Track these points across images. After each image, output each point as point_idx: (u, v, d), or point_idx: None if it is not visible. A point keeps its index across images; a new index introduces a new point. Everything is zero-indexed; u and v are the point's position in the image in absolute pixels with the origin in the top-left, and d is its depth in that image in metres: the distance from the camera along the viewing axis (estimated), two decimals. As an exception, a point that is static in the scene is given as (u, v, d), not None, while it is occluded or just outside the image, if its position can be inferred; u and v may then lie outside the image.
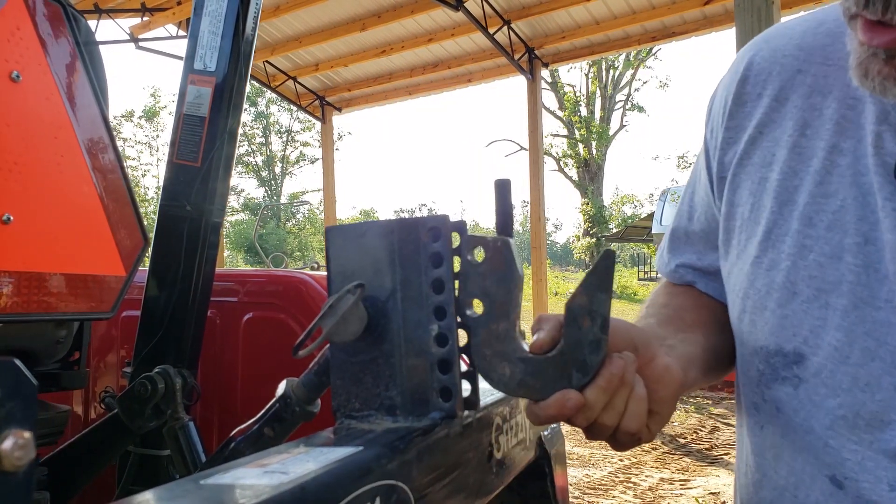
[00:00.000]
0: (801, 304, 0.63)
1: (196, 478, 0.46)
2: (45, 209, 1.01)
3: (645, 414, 0.61)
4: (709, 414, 6.35)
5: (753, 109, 0.72)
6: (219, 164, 1.36)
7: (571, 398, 0.58)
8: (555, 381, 0.60)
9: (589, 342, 0.59)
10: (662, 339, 0.69)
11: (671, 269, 0.88)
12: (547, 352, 0.60)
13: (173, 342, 1.29)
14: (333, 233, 0.69)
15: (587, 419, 0.60)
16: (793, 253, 0.64)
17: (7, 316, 0.93)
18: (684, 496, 4.17)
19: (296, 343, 0.61)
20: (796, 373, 0.63)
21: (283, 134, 38.87)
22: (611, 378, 0.58)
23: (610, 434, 0.61)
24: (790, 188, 0.66)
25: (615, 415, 0.60)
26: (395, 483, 0.54)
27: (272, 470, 0.48)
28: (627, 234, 23.96)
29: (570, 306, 0.60)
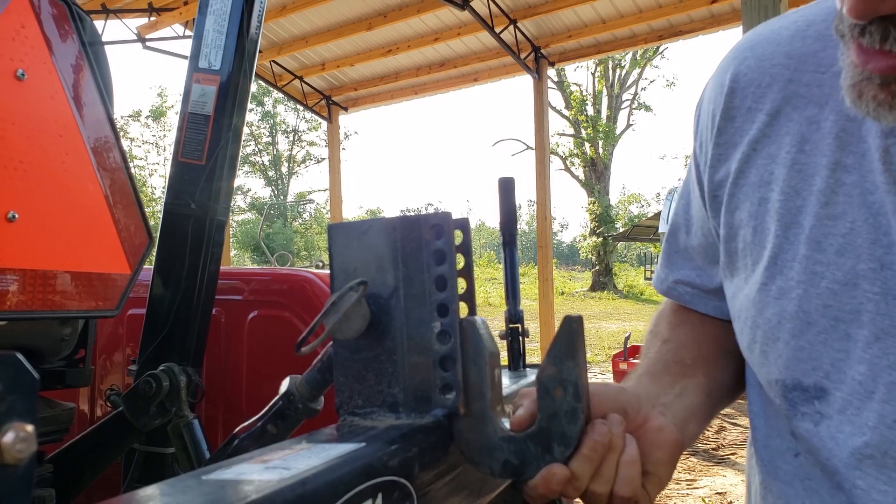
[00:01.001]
0: (817, 334, 0.59)
1: (198, 473, 0.47)
2: (50, 207, 1.01)
3: (639, 477, 0.58)
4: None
5: (744, 124, 0.67)
6: (223, 162, 1.36)
7: (556, 473, 0.56)
8: (538, 457, 0.58)
9: (565, 412, 0.57)
10: (656, 397, 0.66)
11: (669, 284, 0.83)
12: (527, 428, 0.59)
13: (178, 340, 1.29)
14: (336, 230, 0.69)
15: (577, 490, 0.57)
16: (803, 280, 0.59)
17: (12, 313, 0.93)
18: (691, 496, 4.16)
19: (298, 340, 0.61)
20: (818, 409, 0.59)
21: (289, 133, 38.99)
22: (594, 446, 0.56)
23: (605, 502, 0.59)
24: (793, 209, 0.61)
25: (605, 482, 0.57)
26: (397, 479, 0.54)
27: (274, 466, 0.48)
28: (634, 233, 23.91)
29: (540, 378, 0.59)
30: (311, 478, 0.45)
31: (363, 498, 0.49)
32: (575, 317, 0.58)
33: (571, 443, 0.57)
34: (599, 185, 26.41)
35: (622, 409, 0.60)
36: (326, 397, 0.77)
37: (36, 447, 0.32)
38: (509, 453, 0.60)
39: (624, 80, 27.58)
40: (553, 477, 0.56)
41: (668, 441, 0.60)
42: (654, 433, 0.60)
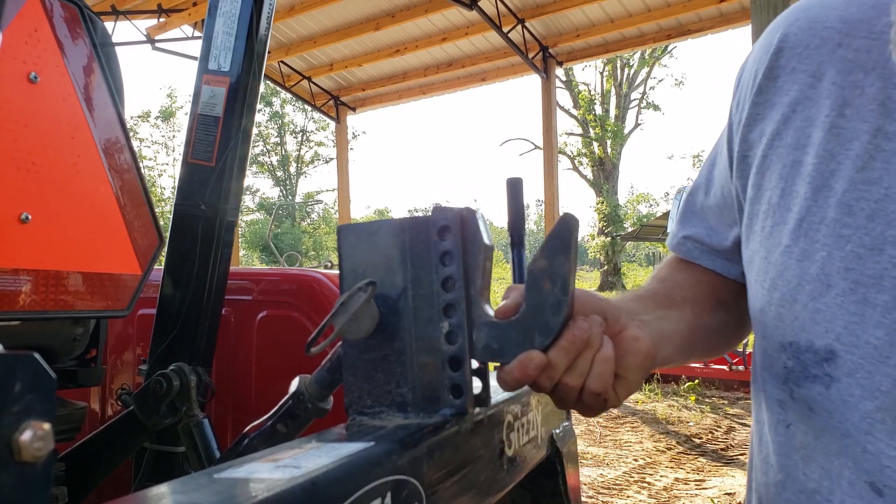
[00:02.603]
0: (835, 297, 0.59)
1: (210, 472, 0.47)
2: (63, 209, 1.02)
3: (610, 375, 0.60)
4: (724, 414, 6.30)
5: (786, 84, 0.67)
6: (233, 163, 1.37)
7: (534, 358, 0.58)
8: (518, 344, 0.60)
9: (550, 304, 0.59)
10: (635, 313, 0.68)
11: (678, 239, 0.84)
12: (511, 317, 0.61)
13: (188, 340, 1.30)
14: (345, 231, 0.70)
15: (550, 379, 0.60)
16: (829, 243, 0.60)
17: (25, 313, 0.94)
18: (699, 496, 4.14)
19: (308, 340, 0.62)
20: (827, 371, 0.59)
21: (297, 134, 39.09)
22: (573, 339, 0.58)
23: (576, 397, 0.61)
24: (826, 173, 0.61)
25: (578, 375, 0.60)
26: (406, 478, 0.55)
27: (284, 465, 0.49)
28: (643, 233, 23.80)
29: (531, 270, 0.61)
30: (320, 476, 0.45)
31: (372, 496, 0.49)
32: (571, 215, 0.60)
33: (552, 333, 0.59)
34: (608, 184, 26.34)
35: (602, 314, 0.62)
36: (336, 397, 0.77)
37: (53, 445, 0.33)
38: (490, 338, 0.62)
39: (632, 79, 27.49)
40: (530, 362, 0.58)
41: (641, 350, 0.62)
42: (629, 341, 0.62)
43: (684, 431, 5.74)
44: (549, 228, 10.04)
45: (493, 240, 0.67)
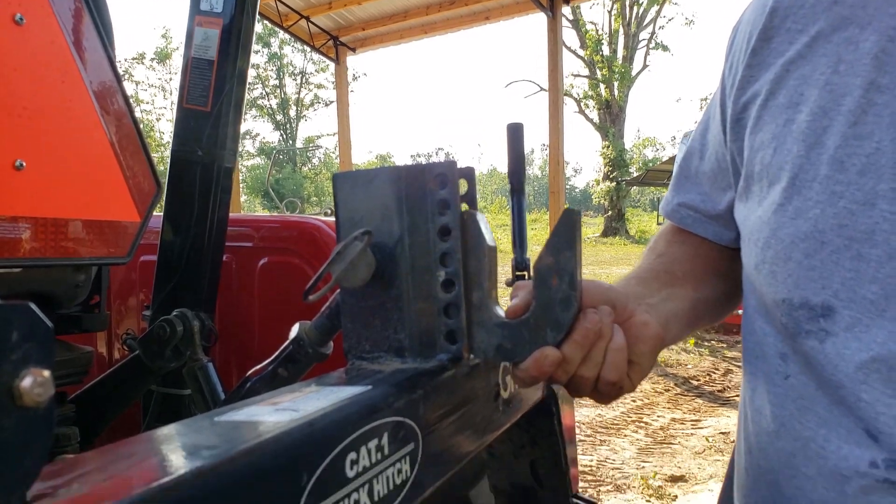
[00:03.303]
0: (829, 254, 0.59)
1: (211, 415, 0.49)
2: (57, 155, 1.02)
3: (625, 363, 0.62)
4: (723, 357, 6.40)
5: (781, 45, 0.66)
6: (229, 107, 1.35)
7: (548, 355, 0.59)
8: (531, 342, 0.61)
9: (559, 300, 0.60)
10: (641, 298, 0.69)
11: (672, 206, 0.86)
12: (521, 316, 0.62)
13: (190, 286, 1.32)
14: (342, 179, 0.69)
15: (566, 373, 0.61)
16: (822, 200, 0.60)
17: (25, 261, 0.95)
18: (695, 435, 4.26)
19: (306, 288, 0.63)
20: (823, 326, 0.60)
21: (297, 76, 38.38)
22: (586, 332, 0.59)
23: (591, 387, 0.63)
24: (819, 130, 0.61)
25: (594, 366, 0.61)
26: (403, 420, 0.56)
27: (284, 408, 0.50)
28: (648, 177, 23.63)
29: (538, 268, 0.61)
30: (318, 418, 0.47)
31: (369, 437, 0.51)
32: (574, 210, 0.61)
33: (564, 328, 0.60)
34: (614, 128, 25.98)
35: (611, 303, 0.63)
36: (336, 342, 0.79)
37: (54, 391, 0.33)
38: (503, 338, 0.63)
39: (641, 18, 26.75)
40: (545, 359, 0.59)
41: (651, 335, 0.63)
42: (639, 327, 0.63)
43: (682, 374, 5.85)
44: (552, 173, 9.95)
45: (495, 241, 0.67)
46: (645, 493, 3.39)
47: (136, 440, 0.43)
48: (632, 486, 3.50)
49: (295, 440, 0.43)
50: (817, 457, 0.62)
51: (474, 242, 0.64)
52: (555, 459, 1.04)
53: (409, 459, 0.57)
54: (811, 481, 0.63)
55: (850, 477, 0.59)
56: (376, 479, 0.51)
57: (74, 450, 1.09)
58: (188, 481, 0.35)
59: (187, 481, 0.35)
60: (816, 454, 0.62)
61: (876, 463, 0.58)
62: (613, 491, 3.45)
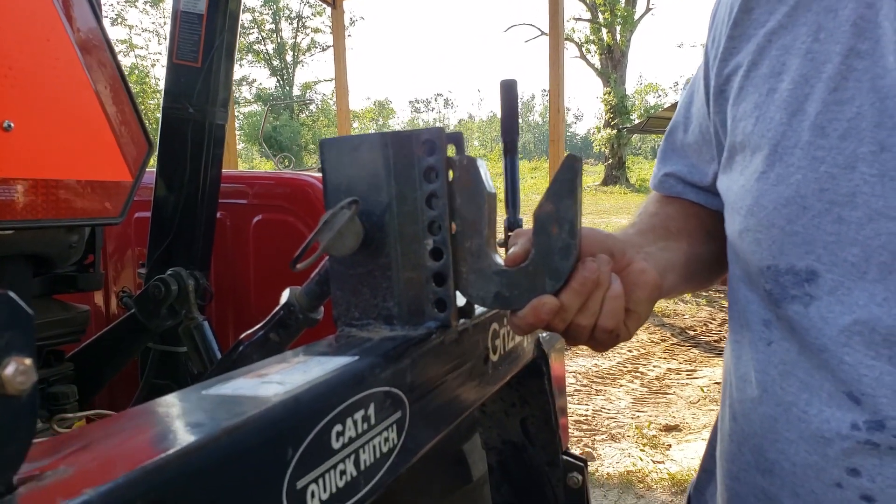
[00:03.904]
0: (811, 219, 0.60)
1: (198, 388, 0.49)
2: (46, 115, 1.00)
3: (622, 311, 0.62)
4: (720, 307, 6.47)
5: (762, 16, 0.67)
6: (219, 62, 1.32)
7: (546, 303, 0.60)
8: (529, 290, 0.61)
9: (559, 249, 0.60)
10: (639, 246, 0.69)
11: (659, 178, 0.86)
12: (520, 264, 0.62)
13: (184, 245, 1.32)
14: (328, 146, 0.69)
15: (563, 321, 0.61)
16: (803, 166, 0.61)
17: (17, 223, 0.95)
18: (690, 385, 4.34)
19: (294, 257, 0.63)
20: (808, 291, 0.61)
21: (293, 20, 37.46)
22: (584, 280, 0.60)
23: (588, 335, 0.63)
24: (800, 97, 0.62)
25: (591, 315, 0.61)
26: (389, 389, 0.57)
27: (270, 380, 0.51)
28: (650, 125, 23.33)
29: (538, 215, 0.61)
30: (304, 392, 0.47)
31: (355, 409, 0.52)
32: (575, 156, 0.60)
33: (562, 277, 0.60)
34: (616, 73, 25.51)
35: (609, 251, 0.63)
36: (327, 307, 0.80)
37: (36, 378, 0.34)
38: (501, 286, 0.63)
39: (646, -41, 25.93)
40: (543, 307, 0.60)
41: (648, 282, 0.64)
42: (637, 274, 0.64)
43: (679, 324, 5.92)
44: (552, 121, 9.82)
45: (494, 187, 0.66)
46: (639, 443, 3.48)
47: (122, 416, 0.44)
48: (626, 435, 3.59)
49: (280, 416, 0.44)
50: (799, 421, 0.64)
51: (474, 188, 0.63)
52: (545, 418, 1.06)
53: (396, 427, 0.58)
54: (794, 445, 0.64)
55: (831, 439, 0.61)
56: (363, 448, 0.53)
57: (73, 408, 1.11)
58: (173, 462, 0.36)
59: (172, 462, 0.36)
60: (798, 418, 0.64)
61: (857, 425, 0.59)
62: (608, 440, 3.54)
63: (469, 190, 0.63)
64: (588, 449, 3.43)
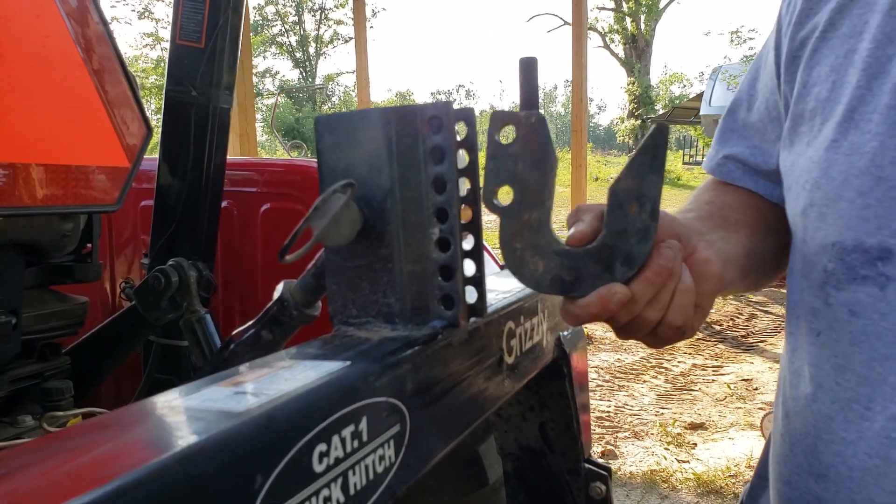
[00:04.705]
0: (887, 190, 0.54)
1: (161, 400, 0.43)
2: (35, 96, 0.95)
3: (692, 306, 0.56)
4: (747, 301, 6.30)
5: None
6: (224, 43, 1.26)
7: (617, 293, 0.53)
8: (594, 276, 0.54)
9: (636, 230, 0.53)
10: (701, 234, 0.63)
11: (717, 160, 0.79)
12: (586, 244, 0.55)
13: (187, 234, 1.26)
14: (323, 123, 0.62)
15: (630, 314, 0.55)
16: (881, 132, 0.54)
17: (5, 210, 0.90)
18: (716, 382, 4.22)
19: (281, 247, 0.56)
20: (882, 270, 0.54)
21: (315, 12, 37.52)
22: (659, 270, 0.53)
23: (650, 330, 0.57)
24: (883, 58, 0.55)
25: (660, 308, 0.55)
26: (386, 400, 0.50)
27: (244, 390, 0.44)
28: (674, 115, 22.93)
29: (616, 191, 0.53)
30: (280, 407, 0.40)
31: (343, 424, 0.45)
32: (664, 125, 0.53)
33: (637, 264, 0.53)
34: (640, 63, 25.14)
35: (675, 235, 0.56)
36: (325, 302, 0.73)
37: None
38: (562, 268, 0.55)
39: (672, -54, 25.43)
40: (613, 296, 0.53)
41: (713, 273, 0.57)
42: (702, 265, 0.57)
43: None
44: (575, 111, 9.67)
45: None
46: (663, 441, 3.38)
47: (55, 438, 0.38)
48: (650, 432, 3.49)
49: (248, 436, 0.37)
50: (860, 419, 0.57)
51: (540, 151, 0.55)
52: (566, 422, 0.98)
53: (394, 443, 0.51)
54: (852, 447, 0.57)
55: None
56: (352, 470, 0.46)
57: (68, 404, 1.06)
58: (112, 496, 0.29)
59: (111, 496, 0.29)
60: (859, 416, 0.57)
61: None
62: (631, 437, 3.44)
63: (535, 153, 0.55)
64: (610, 447, 3.35)
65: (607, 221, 0.54)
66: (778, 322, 5.49)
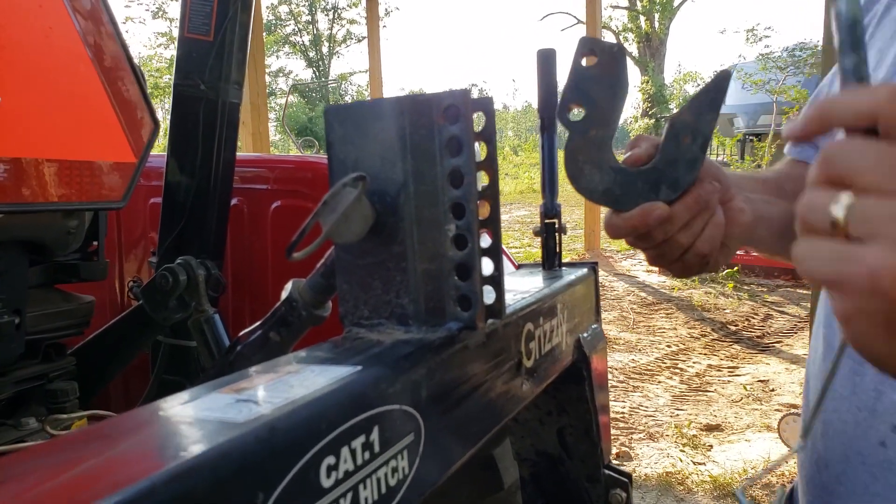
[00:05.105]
0: None
1: (156, 407, 0.39)
2: (38, 89, 0.92)
3: (719, 240, 0.62)
4: (762, 302, 6.21)
5: None
6: (233, 36, 1.23)
7: (658, 208, 0.59)
8: (641, 194, 0.61)
9: (686, 160, 0.60)
10: (742, 189, 0.69)
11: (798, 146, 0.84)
12: (640, 166, 0.62)
13: (195, 232, 1.23)
14: (333, 113, 0.58)
15: (665, 233, 0.61)
16: None
17: (6, 206, 0.87)
18: (732, 383, 4.15)
19: (289, 244, 0.53)
20: None
21: (329, 11, 37.59)
22: (698, 198, 0.59)
23: (679, 256, 0.62)
24: None
25: (691, 235, 0.61)
26: (399, 408, 0.47)
27: (247, 398, 0.41)
28: (688, 114, 22.70)
29: (674, 122, 0.60)
30: (282, 418, 0.37)
31: (354, 435, 0.41)
32: (727, 71, 0.59)
33: (680, 188, 0.60)
34: (654, 62, 24.94)
35: (718, 181, 0.63)
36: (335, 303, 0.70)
37: None
38: (615, 183, 0.62)
39: (686, -57, 25.19)
40: (653, 211, 0.60)
41: (743, 222, 0.64)
42: (735, 212, 0.64)
43: (720, 318, 5.70)
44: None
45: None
46: (679, 442, 3.33)
47: (53, 446, 0.34)
48: (665, 434, 3.44)
49: (246, 453, 0.34)
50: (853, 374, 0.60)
51: (616, 77, 0.61)
52: (585, 428, 0.94)
53: (408, 454, 0.47)
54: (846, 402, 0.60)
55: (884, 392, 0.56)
56: (363, 483, 0.42)
57: (73, 405, 1.03)
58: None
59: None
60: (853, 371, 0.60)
61: None
62: (646, 439, 3.39)
63: (610, 77, 0.61)
64: (625, 448, 3.30)
65: (662, 148, 0.61)
66: (794, 322, 5.40)
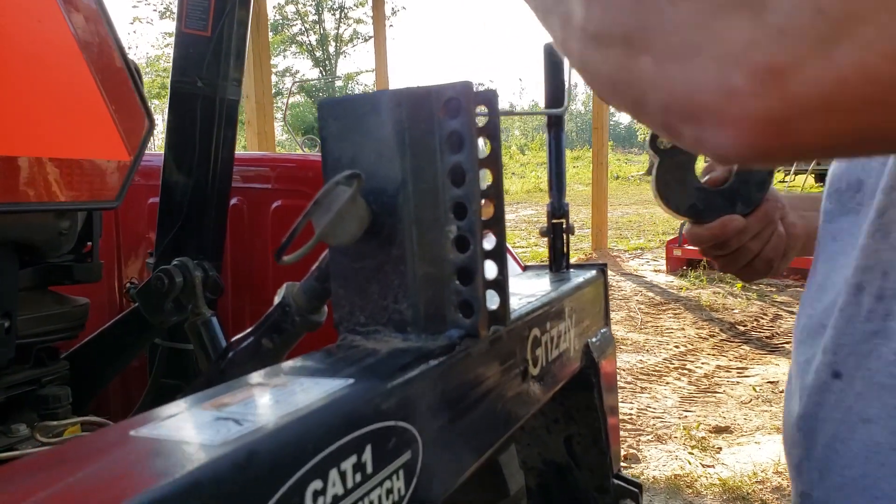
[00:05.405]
0: None
1: (128, 426, 0.36)
2: (28, 84, 0.89)
3: (782, 248, 0.75)
4: (771, 302, 6.14)
5: None
6: (231, 31, 1.20)
7: (736, 220, 0.73)
8: (720, 209, 0.74)
9: (757, 181, 0.74)
10: (799, 208, 0.80)
11: None
12: (719, 186, 0.75)
13: (193, 233, 1.20)
14: (327, 108, 0.55)
15: (739, 241, 0.73)
16: None
17: (-6, 206, 0.84)
18: (741, 384, 4.10)
19: (279, 246, 0.49)
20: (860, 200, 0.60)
21: (335, 11, 37.61)
22: (767, 212, 0.73)
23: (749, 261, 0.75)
24: None
25: (761, 242, 0.74)
26: (394, 424, 0.43)
27: (227, 415, 0.38)
28: (695, 113, 22.53)
29: None
30: (262, 440, 0.33)
31: (343, 456, 0.38)
32: None
33: (752, 205, 0.74)
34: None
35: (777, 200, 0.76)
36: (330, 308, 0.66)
37: None
38: (698, 200, 0.76)
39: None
40: (731, 223, 0.73)
41: (796, 234, 0.77)
42: (789, 226, 0.77)
43: (728, 319, 5.64)
44: (596, 108, 9.55)
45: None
46: (687, 444, 3.28)
47: (11, 469, 0.31)
48: (673, 436, 3.39)
49: (221, 481, 0.30)
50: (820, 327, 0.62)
51: None
52: (594, 436, 0.91)
53: (405, 473, 0.44)
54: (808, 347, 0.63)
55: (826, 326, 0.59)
56: (354, 508, 0.39)
57: (66, 412, 1.00)
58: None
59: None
60: None
61: None
62: (654, 441, 3.35)
63: None
64: (632, 450, 3.25)
65: (736, 171, 0.73)
66: (805, 323, 5.33)
